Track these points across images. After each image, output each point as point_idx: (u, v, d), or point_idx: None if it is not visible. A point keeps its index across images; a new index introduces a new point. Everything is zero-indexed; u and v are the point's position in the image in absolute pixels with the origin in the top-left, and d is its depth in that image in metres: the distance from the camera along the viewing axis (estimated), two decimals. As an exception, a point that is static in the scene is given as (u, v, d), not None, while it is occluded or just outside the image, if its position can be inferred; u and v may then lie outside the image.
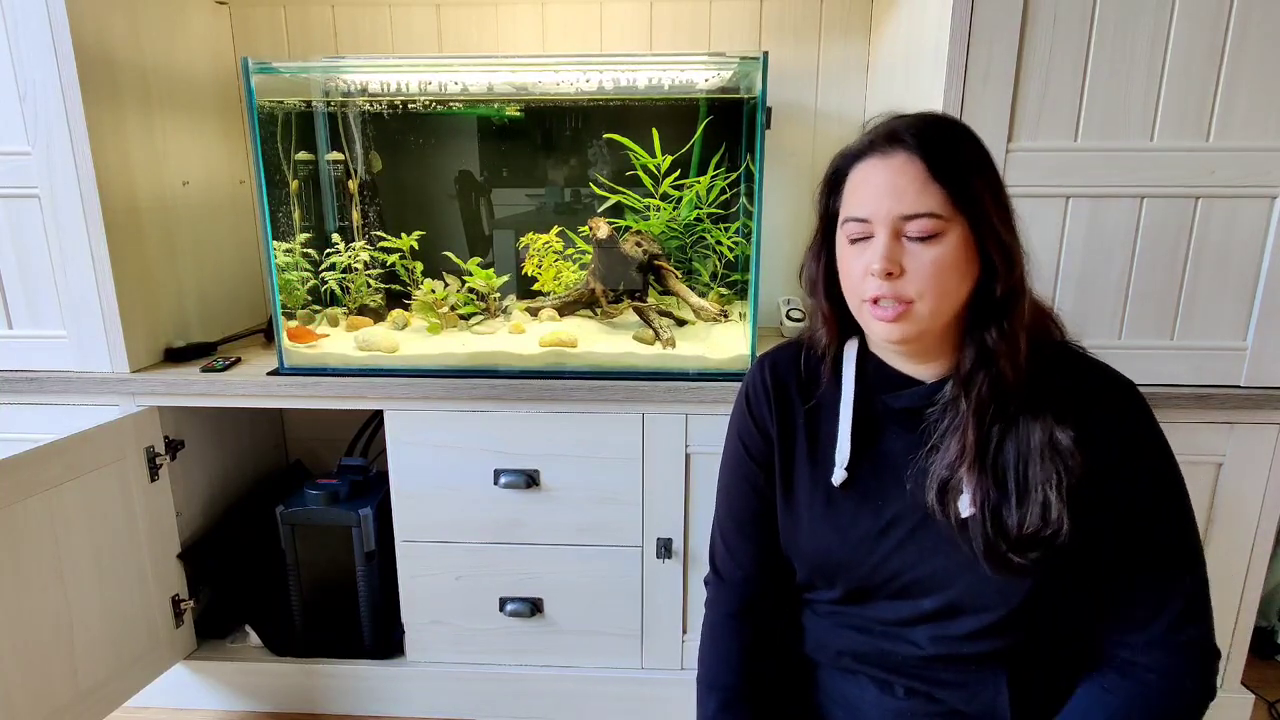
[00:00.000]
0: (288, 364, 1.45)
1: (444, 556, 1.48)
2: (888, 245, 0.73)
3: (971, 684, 0.80)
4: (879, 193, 0.73)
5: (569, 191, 1.75)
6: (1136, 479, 0.75)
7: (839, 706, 0.88)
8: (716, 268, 1.69)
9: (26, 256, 1.39)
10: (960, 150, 0.74)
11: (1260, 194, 1.22)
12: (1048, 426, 0.73)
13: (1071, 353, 0.80)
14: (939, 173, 0.72)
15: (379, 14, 1.72)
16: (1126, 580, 0.76)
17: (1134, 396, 0.77)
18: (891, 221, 0.73)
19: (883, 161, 0.74)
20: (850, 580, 0.83)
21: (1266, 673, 1.65)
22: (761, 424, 0.88)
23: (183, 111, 1.57)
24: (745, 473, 0.90)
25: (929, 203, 0.71)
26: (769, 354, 0.91)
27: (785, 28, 1.69)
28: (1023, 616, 0.77)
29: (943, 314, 0.74)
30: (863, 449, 0.82)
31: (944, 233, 0.72)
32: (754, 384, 0.90)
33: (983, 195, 0.73)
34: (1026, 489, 0.73)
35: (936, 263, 0.72)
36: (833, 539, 0.83)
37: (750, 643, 0.89)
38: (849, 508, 0.82)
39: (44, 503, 1.21)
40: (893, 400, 0.81)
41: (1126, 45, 1.18)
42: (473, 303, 1.65)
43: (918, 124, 0.74)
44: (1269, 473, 1.33)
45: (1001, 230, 0.74)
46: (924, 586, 0.79)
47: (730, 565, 0.92)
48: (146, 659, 1.43)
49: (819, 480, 0.84)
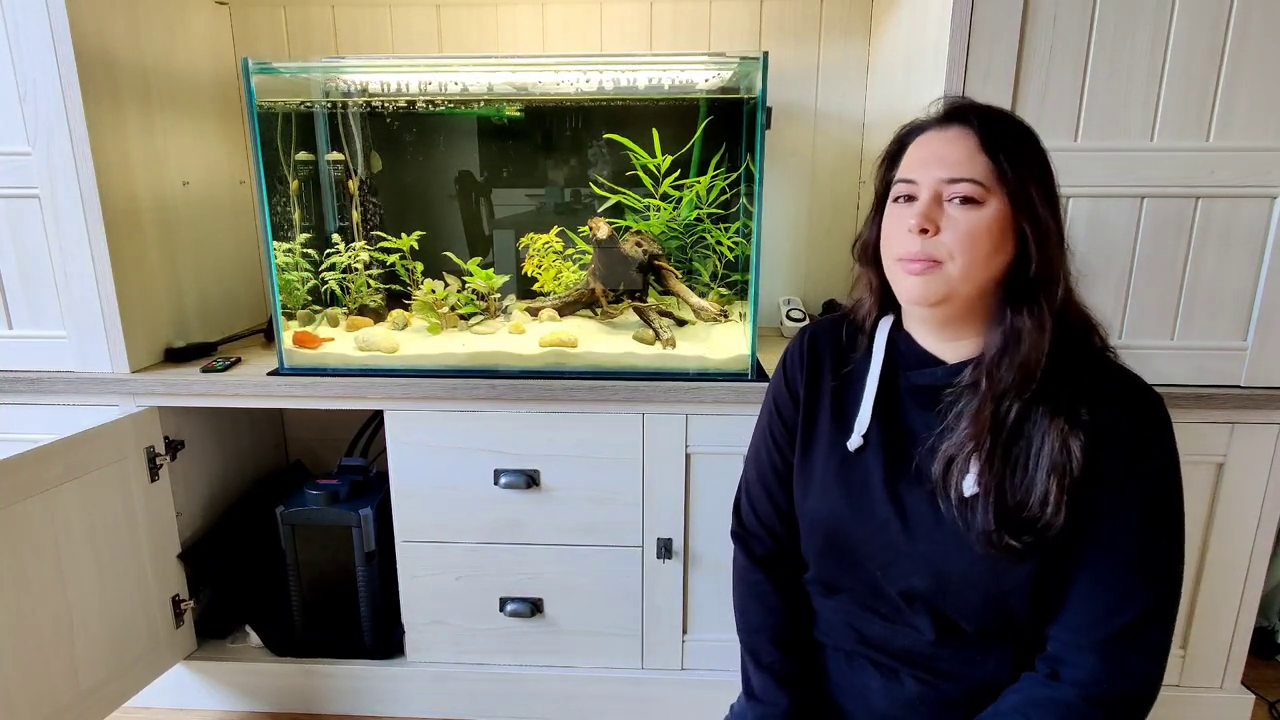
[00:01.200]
0: (288, 364, 1.45)
1: (444, 556, 1.48)
2: (927, 204, 0.76)
3: (975, 673, 0.81)
4: (930, 158, 0.77)
5: (569, 191, 1.75)
6: (1135, 485, 0.75)
7: (847, 695, 0.90)
8: (716, 268, 1.69)
9: (26, 256, 1.39)
10: (1014, 135, 0.77)
11: (1260, 194, 1.22)
12: (1061, 422, 0.74)
13: (1105, 360, 0.81)
14: (989, 146, 0.75)
15: (379, 14, 1.72)
16: (1089, 576, 0.76)
17: (1155, 407, 0.78)
18: (935, 184, 0.76)
19: (940, 133, 0.79)
20: (849, 544, 0.85)
21: (1266, 673, 1.65)
22: (793, 386, 0.93)
23: (183, 111, 1.57)
24: (774, 432, 0.95)
25: (973, 170, 0.75)
26: (811, 324, 0.97)
27: (785, 28, 1.69)
28: (1014, 600, 0.77)
29: (971, 279, 0.76)
30: (883, 421, 0.85)
31: (983, 201, 0.75)
32: (792, 350, 0.95)
33: (1026, 175, 0.75)
34: (1031, 477, 0.74)
35: (970, 226, 0.74)
36: (840, 500, 0.85)
37: (777, 589, 0.94)
38: (860, 473, 0.85)
39: (44, 503, 1.21)
40: (915, 377, 0.84)
41: (1126, 45, 1.18)
42: (473, 303, 1.65)
43: (982, 107, 0.80)
44: (1269, 473, 1.33)
45: (1040, 209, 0.76)
46: (919, 562, 0.80)
47: (753, 518, 0.97)
48: (147, 659, 1.43)
49: (837, 444, 0.87)
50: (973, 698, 0.82)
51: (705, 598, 1.47)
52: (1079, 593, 0.76)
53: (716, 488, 1.41)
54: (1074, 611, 0.76)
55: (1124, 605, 0.74)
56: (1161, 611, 0.75)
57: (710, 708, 1.47)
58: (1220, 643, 1.42)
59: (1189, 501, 1.35)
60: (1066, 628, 0.77)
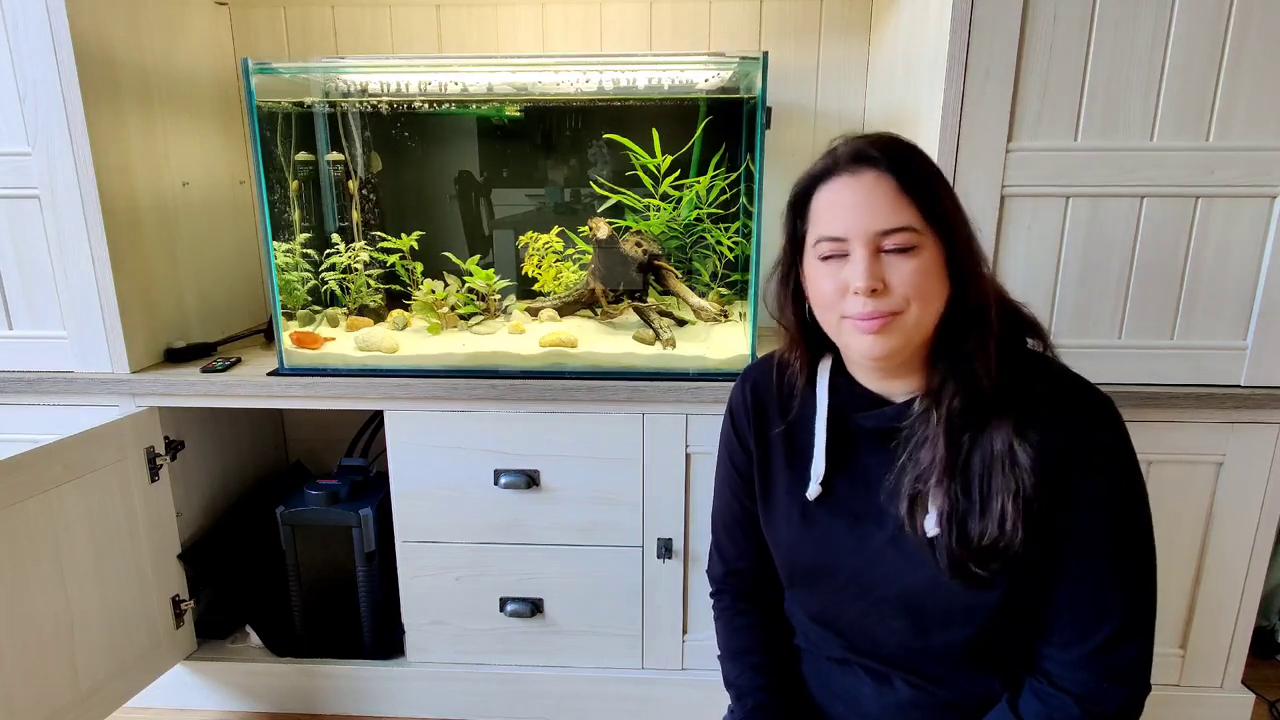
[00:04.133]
0: (287, 364, 1.45)
1: (444, 557, 1.48)
2: (869, 263, 0.72)
3: (967, 678, 0.81)
4: (853, 211, 0.74)
5: (569, 192, 1.75)
6: (1100, 494, 0.74)
7: (838, 700, 0.89)
8: (716, 268, 1.69)
9: (27, 257, 1.39)
10: (924, 167, 0.75)
11: (1260, 194, 1.22)
12: (1008, 436, 0.73)
13: (1046, 363, 0.79)
14: (910, 188, 0.73)
15: (379, 14, 1.72)
16: (1068, 593, 0.75)
17: (1104, 411, 0.76)
18: (869, 238, 0.73)
19: (853, 180, 0.75)
20: (829, 589, 0.85)
21: (1266, 673, 1.65)
22: (743, 439, 0.91)
23: (183, 112, 1.57)
24: (730, 482, 0.94)
25: (904, 217, 0.72)
26: (750, 370, 0.94)
27: (785, 28, 1.69)
28: (995, 629, 0.77)
29: (924, 325, 0.75)
30: (838, 465, 0.83)
31: (920, 246, 0.73)
32: (736, 401, 0.93)
33: (951, 209, 0.74)
34: (989, 498, 0.73)
35: (917, 273, 0.72)
36: (809, 550, 0.84)
37: (751, 617, 0.95)
38: (824, 520, 0.83)
39: (44, 503, 1.21)
40: (864, 420, 0.82)
41: (1126, 45, 1.18)
42: (473, 303, 1.65)
43: (882, 143, 0.75)
44: (1269, 473, 1.33)
45: (967, 238, 0.75)
46: (897, 600, 0.80)
47: (719, 565, 0.99)
48: (147, 659, 1.43)
49: (795, 494, 0.86)
50: (966, 702, 0.81)
51: (705, 598, 1.46)
52: (1059, 610, 0.76)
53: (716, 488, 1.41)
54: (1057, 629, 0.76)
55: (1103, 617, 0.74)
56: (1140, 618, 0.75)
57: (710, 708, 1.47)
58: (1220, 642, 1.42)
59: (1189, 502, 1.35)
60: (1053, 644, 0.77)
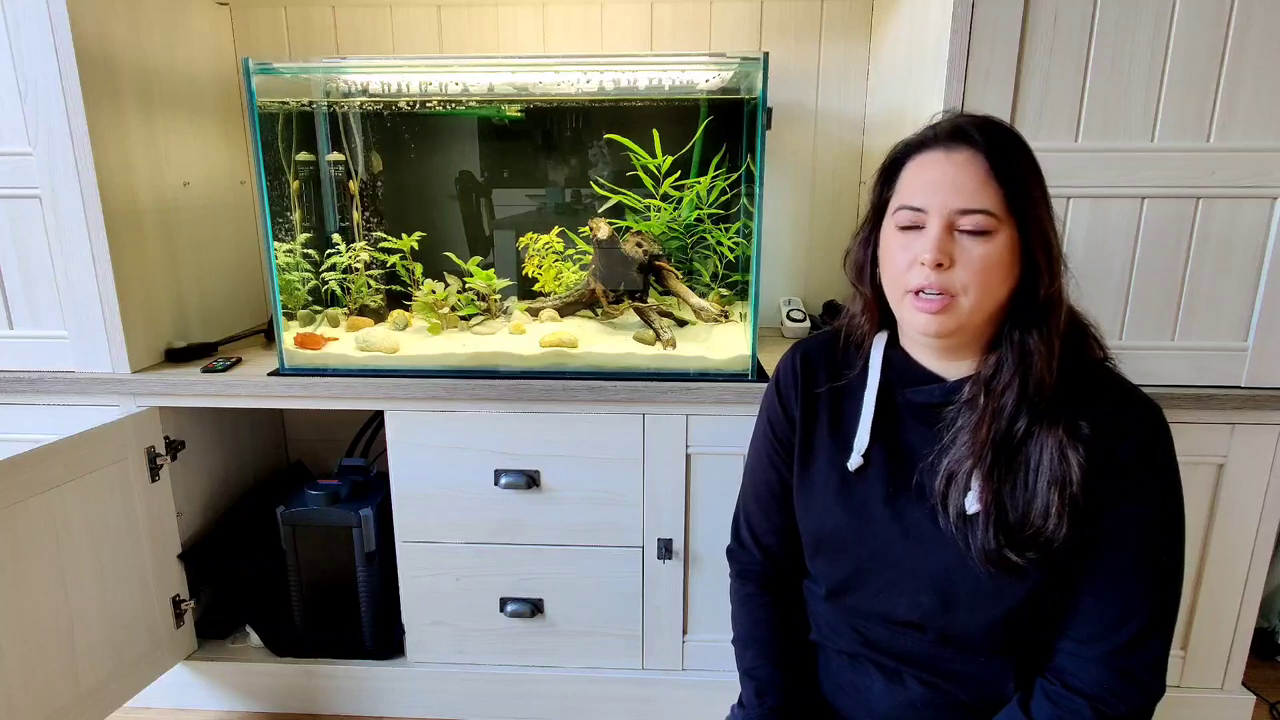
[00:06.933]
0: (288, 364, 1.45)
1: (444, 557, 1.48)
2: (940, 237, 0.74)
3: (979, 675, 0.81)
4: (938, 184, 0.75)
5: (569, 192, 1.75)
6: (1139, 498, 0.75)
7: (847, 695, 0.89)
8: (717, 268, 1.69)
9: (27, 256, 1.39)
10: (1020, 155, 0.76)
11: (1261, 194, 1.22)
12: (1060, 436, 0.74)
13: (1104, 370, 0.81)
14: (1000, 173, 0.73)
15: (379, 14, 1.72)
16: (1097, 589, 0.76)
17: (1155, 420, 0.77)
18: (946, 214, 0.74)
19: (945, 155, 0.75)
20: (853, 562, 0.85)
21: (1266, 673, 1.65)
22: (787, 406, 0.92)
23: (183, 112, 1.57)
24: (769, 452, 0.94)
25: (986, 200, 0.73)
26: (803, 342, 0.95)
27: (786, 28, 1.69)
28: (1021, 615, 0.77)
29: (982, 310, 0.75)
30: (882, 438, 0.84)
31: (995, 231, 0.73)
32: (784, 368, 0.94)
33: (1037, 201, 0.75)
34: (1033, 492, 0.74)
35: (985, 259, 0.73)
36: (842, 518, 0.85)
37: (774, 605, 0.95)
38: (861, 491, 0.84)
39: (44, 503, 1.21)
40: (913, 395, 0.83)
41: (1127, 45, 1.18)
42: (473, 303, 1.65)
43: (984, 124, 0.76)
44: (1270, 473, 1.33)
45: (1050, 234, 0.75)
46: (923, 579, 0.80)
47: (750, 538, 0.98)
48: (147, 659, 1.43)
49: (836, 464, 0.86)
50: (977, 701, 0.82)
51: (706, 598, 1.47)
52: (1085, 606, 0.76)
53: (717, 488, 1.41)
54: (1080, 624, 0.76)
55: (1129, 617, 0.75)
56: (1163, 622, 0.76)
57: (710, 708, 1.47)
58: (1221, 643, 1.42)
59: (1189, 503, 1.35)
60: (1073, 640, 0.77)
